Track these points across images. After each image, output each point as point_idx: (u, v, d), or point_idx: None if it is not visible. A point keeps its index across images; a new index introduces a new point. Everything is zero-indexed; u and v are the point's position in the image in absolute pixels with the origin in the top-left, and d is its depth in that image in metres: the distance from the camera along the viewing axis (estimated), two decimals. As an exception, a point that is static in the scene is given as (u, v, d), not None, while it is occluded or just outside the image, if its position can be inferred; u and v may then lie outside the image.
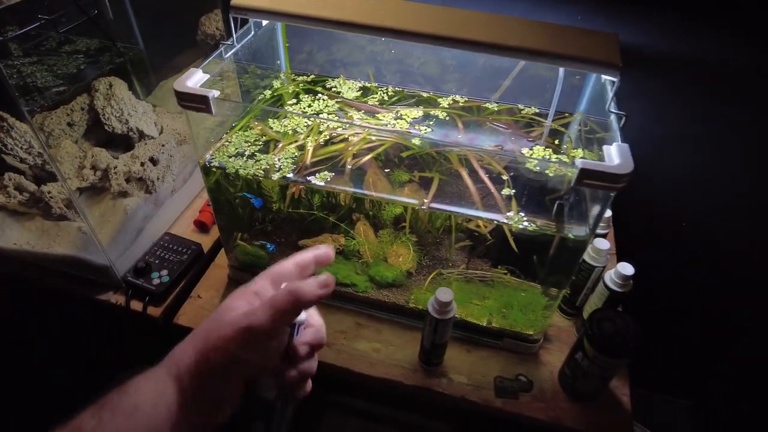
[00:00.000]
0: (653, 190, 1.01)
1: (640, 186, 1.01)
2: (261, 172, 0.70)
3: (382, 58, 0.88)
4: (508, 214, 0.65)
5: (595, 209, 0.62)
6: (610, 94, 0.62)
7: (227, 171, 0.71)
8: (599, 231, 0.78)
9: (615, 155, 0.53)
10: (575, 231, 0.64)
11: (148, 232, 0.91)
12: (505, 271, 0.74)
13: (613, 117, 0.61)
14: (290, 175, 0.70)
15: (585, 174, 0.51)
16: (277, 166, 0.71)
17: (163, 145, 0.93)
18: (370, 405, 1.40)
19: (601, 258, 0.72)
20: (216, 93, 0.60)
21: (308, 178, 0.70)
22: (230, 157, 0.72)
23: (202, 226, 0.95)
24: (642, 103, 0.92)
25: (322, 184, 0.69)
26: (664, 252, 1.09)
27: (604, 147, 0.55)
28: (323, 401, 1.41)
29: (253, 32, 0.77)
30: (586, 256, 0.73)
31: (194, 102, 0.60)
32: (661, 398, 1.28)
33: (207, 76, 0.64)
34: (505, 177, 0.69)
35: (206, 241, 0.93)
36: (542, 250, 0.67)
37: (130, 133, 0.92)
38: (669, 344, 1.24)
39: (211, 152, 0.73)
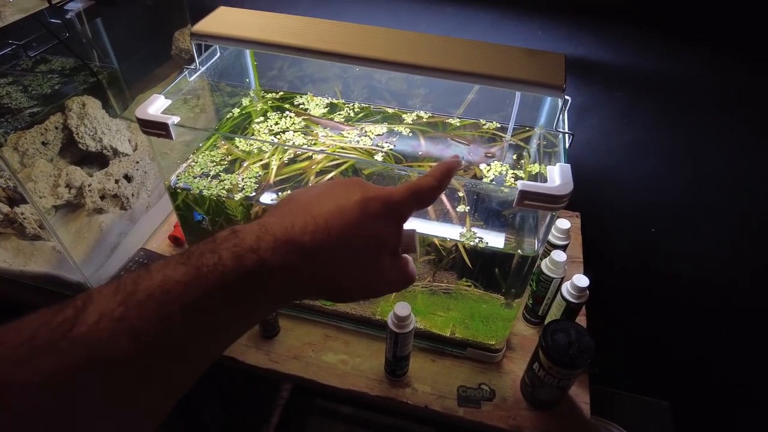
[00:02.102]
0: (621, 198, 1.03)
1: (608, 194, 1.03)
2: (224, 192, 0.72)
3: (350, 74, 0.90)
4: (461, 230, 0.67)
5: (544, 224, 0.64)
6: (560, 113, 0.64)
7: (192, 192, 0.73)
8: (558, 242, 0.80)
9: (557, 176, 0.55)
10: (525, 246, 0.66)
11: (124, 247, 0.93)
12: (469, 284, 0.76)
13: (560, 136, 0.63)
14: (253, 195, 0.72)
15: (524, 195, 0.53)
16: (240, 185, 0.72)
17: (137, 162, 0.95)
18: (355, 409, 1.43)
19: (558, 270, 0.74)
20: (176, 119, 0.62)
21: (270, 198, 0.72)
22: (195, 177, 0.74)
23: (177, 241, 0.97)
24: (607, 112, 0.94)
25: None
26: (634, 258, 1.11)
27: (548, 167, 0.57)
28: (309, 406, 1.43)
29: (218, 54, 0.79)
30: (544, 268, 0.75)
31: (155, 128, 0.62)
32: (639, 399, 1.31)
33: (169, 102, 0.66)
34: (460, 194, 0.71)
35: (181, 256, 0.94)
36: (496, 263, 0.69)
37: (105, 151, 0.94)
38: (646, 345, 1.27)
39: (177, 173, 0.75)
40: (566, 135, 0.62)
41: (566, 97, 0.63)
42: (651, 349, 1.27)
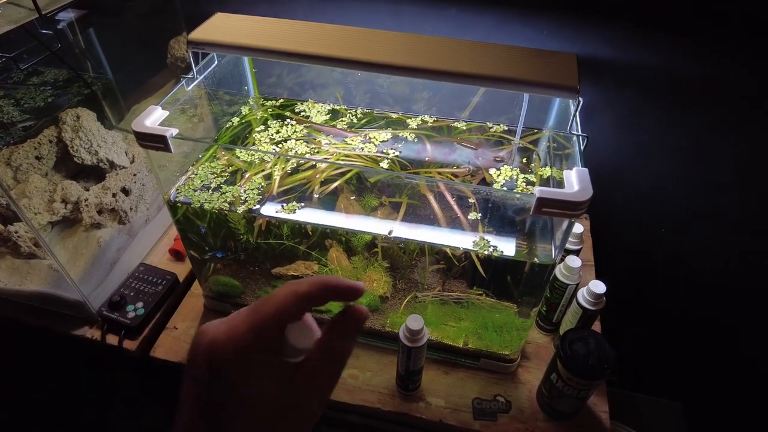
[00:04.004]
0: (630, 197, 1.01)
1: (617, 194, 1.01)
2: (226, 205, 0.69)
3: (351, 79, 0.88)
4: (474, 239, 0.64)
5: (560, 230, 0.62)
6: (573, 115, 0.62)
7: (192, 206, 0.70)
8: (572, 247, 0.77)
9: (575, 181, 0.53)
10: (541, 253, 0.63)
11: (123, 263, 0.91)
12: (480, 292, 0.74)
13: (574, 139, 0.60)
14: (257, 207, 0.69)
15: (543, 203, 0.50)
16: (242, 198, 0.70)
17: (134, 175, 0.93)
18: (363, 419, 1.40)
19: (573, 276, 0.72)
20: (174, 131, 0.59)
21: (274, 209, 0.69)
22: (195, 190, 0.71)
23: (177, 255, 0.94)
24: (615, 111, 0.92)
25: (279, 216, 0.68)
26: (646, 258, 1.09)
27: (565, 172, 0.55)
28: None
29: (216, 62, 0.76)
30: (558, 274, 0.73)
31: (152, 141, 0.59)
32: (651, 400, 1.28)
33: (166, 113, 0.63)
34: (471, 200, 0.69)
35: (182, 270, 0.92)
36: (511, 272, 0.67)
37: (101, 164, 0.92)
38: (657, 346, 1.24)
39: (176, 186, 0.72)
40: (581, 138, 0.60)
41: (579, 98, 0.61)
42: (662, 350, 1.25)
